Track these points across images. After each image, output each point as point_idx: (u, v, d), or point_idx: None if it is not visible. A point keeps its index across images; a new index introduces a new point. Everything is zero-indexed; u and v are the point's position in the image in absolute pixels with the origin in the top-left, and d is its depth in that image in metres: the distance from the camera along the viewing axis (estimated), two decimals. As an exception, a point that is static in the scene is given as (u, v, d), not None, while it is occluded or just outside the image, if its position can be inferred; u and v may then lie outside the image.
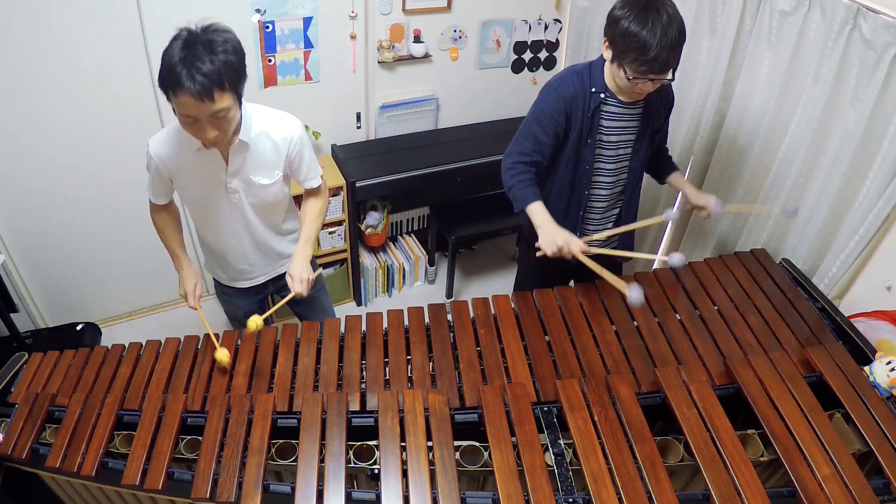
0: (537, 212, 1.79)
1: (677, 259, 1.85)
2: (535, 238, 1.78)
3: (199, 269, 1.92)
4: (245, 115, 1.65)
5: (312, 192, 1.94)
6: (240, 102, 1.57)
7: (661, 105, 1.93)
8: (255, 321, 1.66)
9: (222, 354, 1.64)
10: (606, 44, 1.72)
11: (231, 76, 1.46)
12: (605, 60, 1.77)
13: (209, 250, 1.98)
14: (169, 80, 1.41)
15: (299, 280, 1.82)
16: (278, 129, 1.73)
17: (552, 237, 1.73)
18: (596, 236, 1.96)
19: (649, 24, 1.59)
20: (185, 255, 1.89)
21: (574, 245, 1.72)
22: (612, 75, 1.77)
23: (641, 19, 1.60)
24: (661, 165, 2.14)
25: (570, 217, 2.03)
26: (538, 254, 1.76)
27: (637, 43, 1.60)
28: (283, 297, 2.16)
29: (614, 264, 2.14)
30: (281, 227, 1.98)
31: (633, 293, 1.68)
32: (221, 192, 1.75)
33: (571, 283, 1.96)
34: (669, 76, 1.69)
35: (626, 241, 2.19)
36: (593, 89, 1.81)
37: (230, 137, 1.63)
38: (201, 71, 1.39)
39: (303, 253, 1.86)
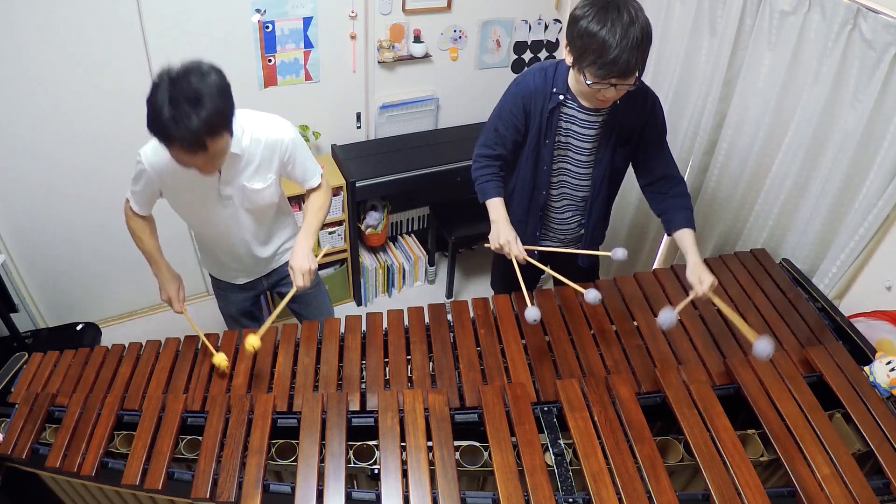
0: (494, 207, 1.84)
1: (620, 253, 1.75)
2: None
3: (178, 271, 1.91)
4: (236, 127, 1.61)
5: (314, 189, 1.94)
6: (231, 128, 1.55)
7: (632, 115, 1.79)
8: (251, 344, 1.63)
9: (220, 359, 1.64)
10: (567, 48, 1.64)
11: (221, 122, 1.46)
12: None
13: (204, 247, 1.99)
14: (160, 135, 1.42)
15: (300, 272, 1.77)
16: (269, 133, 1.72)
17: (498, 234, 1.78)
18: (539, 248, 1.95)
19: (609, 24, 1.49)
20: (163, 258, 1.87)
21: (514, 248, 1.74)
22: (575, 80, 1.70)
23: (601, 19, 1.50)
24: (668, 207, 1.86)
25: (531, 217, 2.02)
26: (486, 245, 1.83)
27: (595, 44, 1.51)
28: (279, 294, 2.16)
29: (585, 271, 2.14)
30: (273, 226, 1.98)
31: (590, 295, 1.63)
32: (215, 198, 1.75)
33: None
34: (633, 82, 1.58)
35: (595, 241, 2.12)
36: (554, 89, 1.77)
37: None
38: (191, 128, 1.39)
39: (304, 244, 1.83)
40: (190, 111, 1.38)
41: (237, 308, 2.14)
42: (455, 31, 3.07)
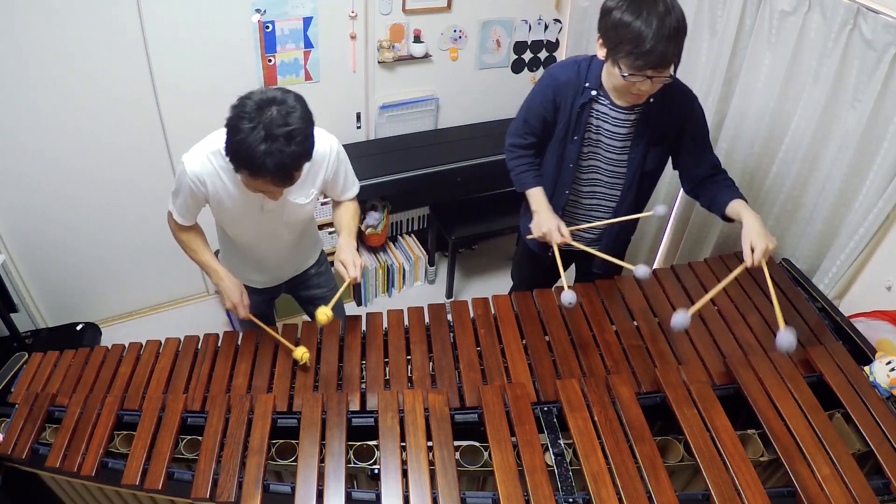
0: (533, 197, 1.85)
1: (642, 271, 1.66)
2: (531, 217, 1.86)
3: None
4: None
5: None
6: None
7: (667, 114, 1.73)
8: (325, 313, 1.65)
9: (301, 353, 1.64)
10: (600, 40, 1.61)
11: (308, 155, 1.46)
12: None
13: (232, 251, 1.94)
14: (249, 166, 1.40)
15: (353, 264, 1.73)
16: (316, 148, 1.65)
17: (538, 223, 1.79)
18: (582, 226, 1.95)
19: (644, 14, 1.46)
20: (221, 266, 1.81)
21: (554, 236, 1.74)
22: (608, 74, 1.65)
23: (635, 9, 1.48)
24: (715, 191, 1.79)
25: None
26: (528, 236, 1.84)
27: (631, 34, 1.47)
28: (297, 297, 2.16)
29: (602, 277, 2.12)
30: (304, 237, 1.97)
31: (567, 297, 1.59)
32: (257, 211, 1.72)
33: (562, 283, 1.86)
34: (668, 74, 1.55)
35: (617, 246, 2.08)
36: (587, 84, 1.73)
37: None
38: (285, 164, 1.39)
39: (350, 243, 1.80)
40: (284, 147, 1.37)
41: (253, 310, 2.12)
42: (455, 31, 3.07)
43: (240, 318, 1.76)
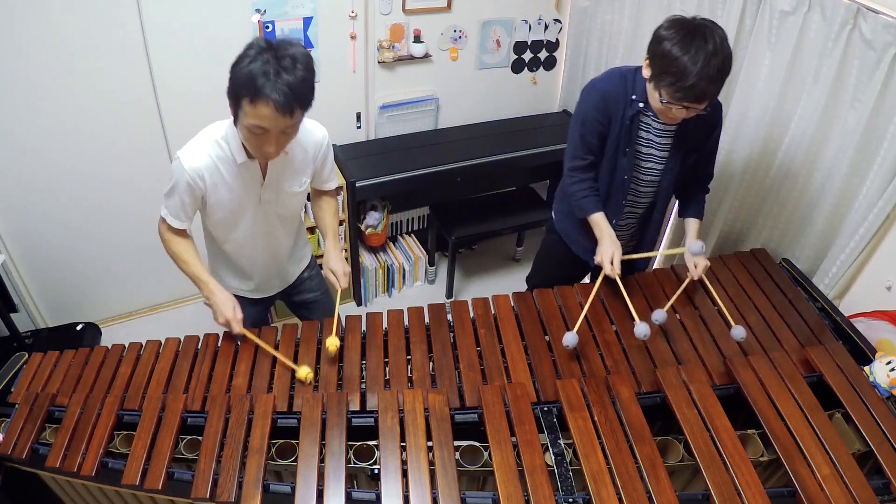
0: (596, 223, 1.87)
1: (697, 247, 1.87)
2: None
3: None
4: None
5: (327, 192, 1.96)
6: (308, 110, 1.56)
7: (698, 125, 1.79)
8: (334, 343, 1.68)
9: (304, 373, 1.63)
10: (647, 62, 1.65)
11: (308, 94, 1.47)
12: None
13: (224, 260, 1.92)
14: (251, 89, 1.40)
15: (343, 275, 1.85)
16: (308, 136, 1.71)
17: (599, 250, 1.83)
18: (633, 256, 2.00)
19: (692, 51, 1.50)
20: (213, 279, 1.78)
21: (606, 267, 1.78)
22: (650, 94, 1.69)
23: (685, 44, 1.52)
24: (689, 198, 2.01)
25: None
26: (596, 258, 1.86)
27: (676, 68, 1.53)
28: (290, 303, 2.16)
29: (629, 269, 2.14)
30: (295, 238, 1.98)
31: (568, 339, 1.66)
32: (254, 204, 1.71)
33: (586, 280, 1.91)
34: (705, 107, 1.61)
35: (648, 248, 2.13)
36: (634, 96, 1.75)
37: None
38: (288, 83, 1.39)
39: (336, 248, 1.89)
40: (290, 68, 1.40)
41: (250, 321, 2.10)
42: (455, 31, 3.07)
43: (234, 334, 1.74)
